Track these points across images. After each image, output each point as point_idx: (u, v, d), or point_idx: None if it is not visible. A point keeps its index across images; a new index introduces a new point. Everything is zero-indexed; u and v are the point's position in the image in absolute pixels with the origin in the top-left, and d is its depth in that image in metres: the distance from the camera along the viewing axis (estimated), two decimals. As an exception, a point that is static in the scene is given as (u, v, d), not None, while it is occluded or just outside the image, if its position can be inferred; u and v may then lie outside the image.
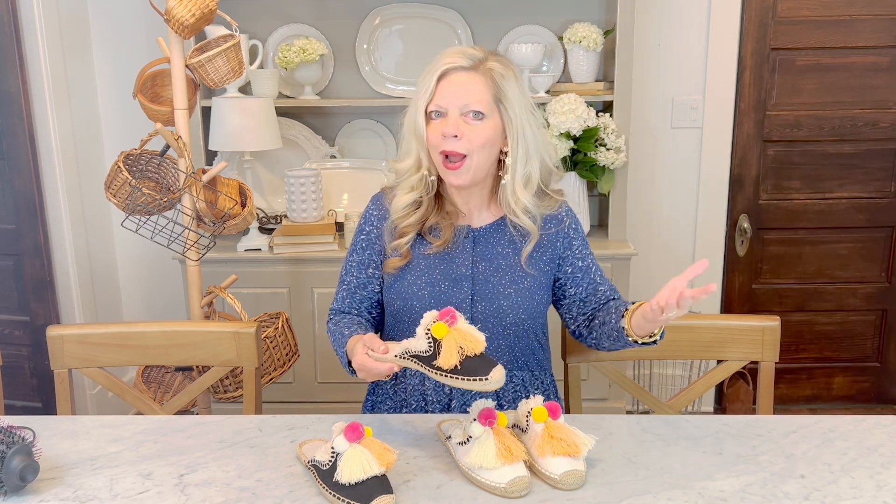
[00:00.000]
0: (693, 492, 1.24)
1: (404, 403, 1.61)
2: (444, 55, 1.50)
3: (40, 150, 2.87)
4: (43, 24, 2.78)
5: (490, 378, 1.23)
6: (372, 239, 1.62)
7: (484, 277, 1.56)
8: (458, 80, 1.47)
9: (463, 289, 1.55)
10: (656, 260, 3.21)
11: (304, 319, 2.82)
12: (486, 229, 1.59)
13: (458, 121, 1.47)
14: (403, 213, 1.57)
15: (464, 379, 1.24)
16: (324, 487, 1.23)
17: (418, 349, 1.29)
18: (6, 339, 3.03)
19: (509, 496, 1.22)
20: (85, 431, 1.47)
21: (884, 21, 2.95)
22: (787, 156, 3.10)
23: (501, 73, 1.48)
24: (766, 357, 1.72)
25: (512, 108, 1.49)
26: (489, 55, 1.51)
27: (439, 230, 1.58)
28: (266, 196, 3.10)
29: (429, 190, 1.56)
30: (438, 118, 1.49)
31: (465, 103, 1.46)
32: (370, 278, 1.62)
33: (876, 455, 1.36)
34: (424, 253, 1.58)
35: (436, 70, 1.48)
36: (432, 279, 1.56)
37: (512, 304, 1.55)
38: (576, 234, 1.62)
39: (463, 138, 1.46)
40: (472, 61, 1.48)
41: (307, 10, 3.01)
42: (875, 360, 3.29)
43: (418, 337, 1.30)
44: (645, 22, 2.98)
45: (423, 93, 1.49)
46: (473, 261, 1.57)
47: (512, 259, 1.57)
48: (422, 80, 1.50)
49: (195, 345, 1.74)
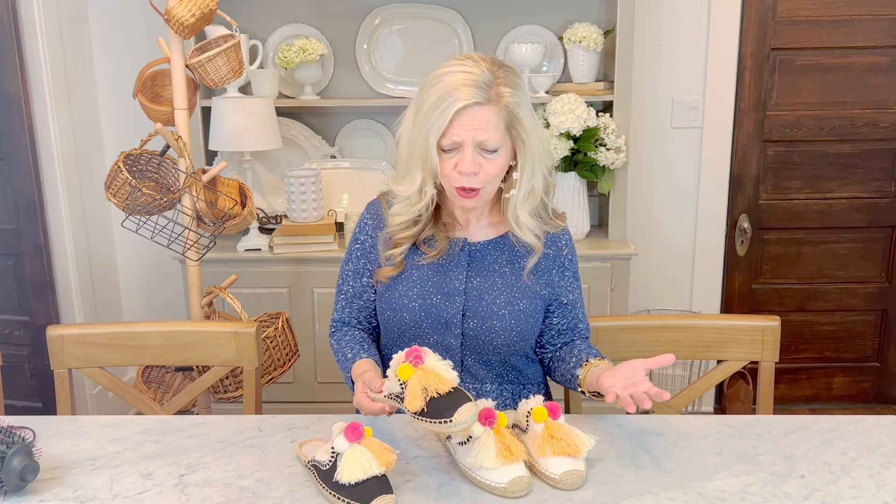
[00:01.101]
0: (693, 492, 1.24)
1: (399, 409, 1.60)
2: (453, 86, 1.40)
3: (40, 150, 2.87)
4: (43, 24, 2.78)
5: (454, 420, 1.19)
6: (366, 248, 1.61)
7: (478, 294, 1.53)
8: (472, 118, 1.40)
9: (455, 303, 1.53)
10: (656, 260, 3.21)
11: (304, 319, 2.82)
12: (485, 245, 1.57)
13: (474, 156, 1.43)
14: (400, 227, 1.55)
15: (429, 421, 1.22)
16: (324, 487, 1.23)
17: (392, 391, 1.28)
18: (6, 339, 3.03)
19: (509, 496, 1.22)
20: (85, 431, 1.47)
21: (884, 21, 2.95)
22: (787, 156, 3.10)
23: (515, 100, 1.43)
24: (766, 357, 1.72)
25: (524, 129, 1.45)
26: (496, 74, 1.43)
27: (434, 241, 1.56)
28: (266, 196, 3.10)
29: (428, 207, 1.53)
30: (452, 153, 1.44)
31: (482, 140, 1.42)
32: (365, 287, 1.61)
33: (876, 455, 1.36)
34: (418, 263, 1.56)
35: (448, 106, 1.40)
36: (424, 291, 1.54)
37: (505, 325, 1.52)
38: (570, 265, 1.60)
39: (480, 172, 1.44)
40: (485, 92, 1.40)
41: (307, 10, 3.01)
42: (875, 360, 3.29)
43: (390, 378, 1.29)
44: (645, 22, 2.98)
45: (436, 127, 1.41)
46: (468, 276, 1.54)
47: (509, 278, 1.54)
48: (430, 110, 1.41)
49: (195, 345, 1.74)
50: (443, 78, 1.42)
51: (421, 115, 1.44)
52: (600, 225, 3.11)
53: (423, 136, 1.44)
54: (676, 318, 1.75)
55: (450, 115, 1.39)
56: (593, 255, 2.79)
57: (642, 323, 1.77)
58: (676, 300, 3.24)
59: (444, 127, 1.40)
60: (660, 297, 3.24)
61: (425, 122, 1.43)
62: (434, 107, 1.41)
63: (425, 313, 1.53)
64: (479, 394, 1.57)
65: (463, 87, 1.40)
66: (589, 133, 2.75)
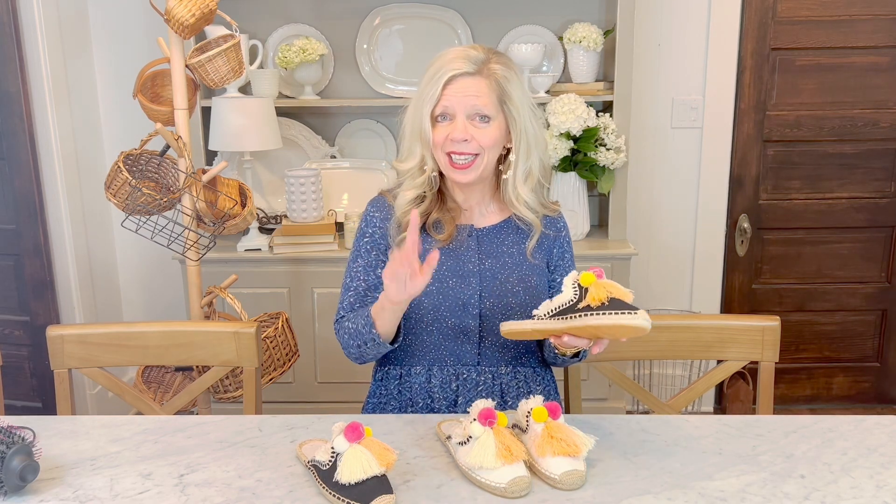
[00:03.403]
0: (693, 492, 1.24)
1: (410, 403, 1.61)
2: (447, 59, 1.51)
3: (40, 150, 2.87)
4: (43, 24, 2.78)
5: (638, 313, 1.26)
6: (376, 240, 1.62)
7: (492, 274, 1.58)
8: (463, 84, 1.49)
9: (471, 285, 1.57)
10: (656, 260, 3.21)
11: (304, 319, 2.82)
12: (491, 229, 1.62)
13: (466, 124, 1.49)
14: (408, 207, 1.58)
15: (612, 313, 1.27)
16: (324, 487, 1.23)
17: (563, 301, 1.34)
18: (6, 339, 3.03)
19: (509, 496, 1.22)
20: (85, 431, 1.47)
21: (884, 21, 2.95)
22: (787, 156, 3.10)
23: (505, 75, 1.51)
24: (766, 357, 1.72)
25: (515, 108, 1.52)
26: (490, 56, 1.52)
27: (442, 226, 1.60)
28: (266, 196, 3.10)
29: (432, 186, 1.59)
30: (445, 122, 1.51)
31: (472, 107, 1.49)
32: (379, 279, 1.61)
33: (876, 455, 1.36)
34: (430, 249, 1.58)
35: (441, 76, 1.49)
36: (440, 275, 1.56)
37: (520, 301, 1.57)
38: (568, 247, 1.67)
39: (472, 141, 1.50)
40: (476, 65, 1.49)
41: (307, 10, 3.01)
42: (875, 360, 3.29)
43: (564, 291, 1.34)
44: (645, 22, 2.98)
45: (429, 98, 1.50)
46: (480, 257, 1.59)
47: (518, 258, 1.60)
48: (425, 84, 1.51)
49: (195, 345, 1.74)
50: (440, 57, 1.53)
51: (419, 92, 1.53)
52: (600, 225, 3.11)
53: (418, 109, 1.53)
54: (676, 318, 1.75)
55: (441, 83, 1.49)
56: (593, 255, 2.79)
57: (642, 323, 1.77)
58: (676, 300, 3.25)
59: (437, 95, 1.49)
60: (660, 297, 3.24)
61: (421, 96, 1.52)
62: (429, 79, 1.51)
63: (443, 296, 1.56)
64: (494, 378, 1.60)
65: (456, 59, 1.50)
66: (589, 133, 2.75)
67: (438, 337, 1.58)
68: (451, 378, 1.60)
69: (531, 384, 1.63)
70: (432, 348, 1.60)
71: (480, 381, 1.59)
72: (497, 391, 1.60)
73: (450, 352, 1.59)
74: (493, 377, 1.60)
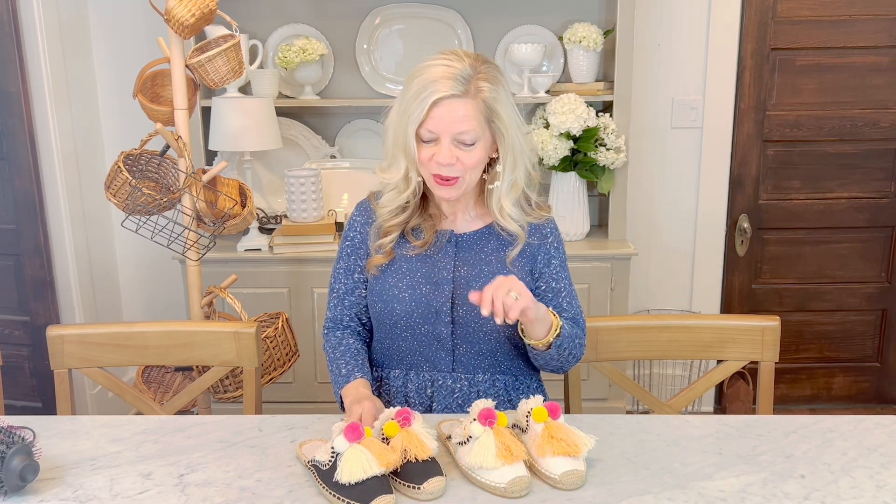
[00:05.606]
0: (693, 492, 1.24)
1: (387, 405, 1.60)
2: (433, 77, 1.44)
3: (40, 150, 2.87)
4: (43, 24, 2.78)
5: (422, 488, 1.22)
6: (356, 244, 1.63)
7: (465, 282, 1.55)
8: (450, 108, 1.44)
9: (443, 292, 1.55)
10: (656, 260, 3.21)
11: (304, 319, 2.82)
12: (471, 236, 1.59)
13: (451, 148, 1.46)
14: (390, 214, 1.58)
15: (399, 483, 1.24)
16: (324, 487, 1.23)
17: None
18: (6, 339, 3.03)
19: (509, 496, 1.22)
20: (85, 431, 1.47)
21: (884, 21, 2.95)
22: (787, 156, 3.10)
23: (493, 94, 1.46)
24: (766, 357, 1.72)
25: (502, 122, 1.48)
26: (477, 69, 1.46)
27: (421, 232, 1.59)
28: (266, 196, 3.10)
29: (416, 194, 1.57)
30: (430, 142, 1.48)
31: (458, 133, 1.45)
32: (357, 284, 1.63)
33: (876, 455, 1.36)
34: (407, 255, 1.58)
35: (427, 97, 1.43)
36: (413, 281, 1.56)
37: None
38: (556, 253, 1.61)
39: (457, 164, 1.47)
40: (463, 85, 1.43)
41: (307, 10, 3.01)
42: (875, 360, 3.29)
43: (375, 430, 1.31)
44: (645, 22, 2.98)
45: (414, 117, 1.45)
46: (455, 265, 1.57)
47: (495, 266, 1.56)
48: (410, 99, 1.45)
49: (195, 345, 1.74)
50: (425, 70, 1.47)
51: (403, 105, 1.48)
52: (600, 225, 3.11)
53: (403, 125, 1.48)
54: (676, 318, 1.75)
55: (427, 105, 1.44)
56: (593, 255, 2.79)
57: (642, 323, 1.77)
58: (676, 300, 3.25)
59: (422, 117, 1.45)
60: (660, 297, 3.24)
61: (406, 112, 1.47)
62: (414, 97, 1.45)
63: (415, 303, 1.55)
64: (470, 385, 1.59)
65: (442, 80, 1.44)
66: (589, 133, 2.75)
67: (413, 343, 1.58)
68: (427, 384, 1.59)
69: (511, 392, 1.61)
70: (408, 354, 1.59)
71: (456, 387, 1.58)
72: (474, 398, 1.57)
73: (424, 358, 1.58)
74: (469, 384, 1.58)
